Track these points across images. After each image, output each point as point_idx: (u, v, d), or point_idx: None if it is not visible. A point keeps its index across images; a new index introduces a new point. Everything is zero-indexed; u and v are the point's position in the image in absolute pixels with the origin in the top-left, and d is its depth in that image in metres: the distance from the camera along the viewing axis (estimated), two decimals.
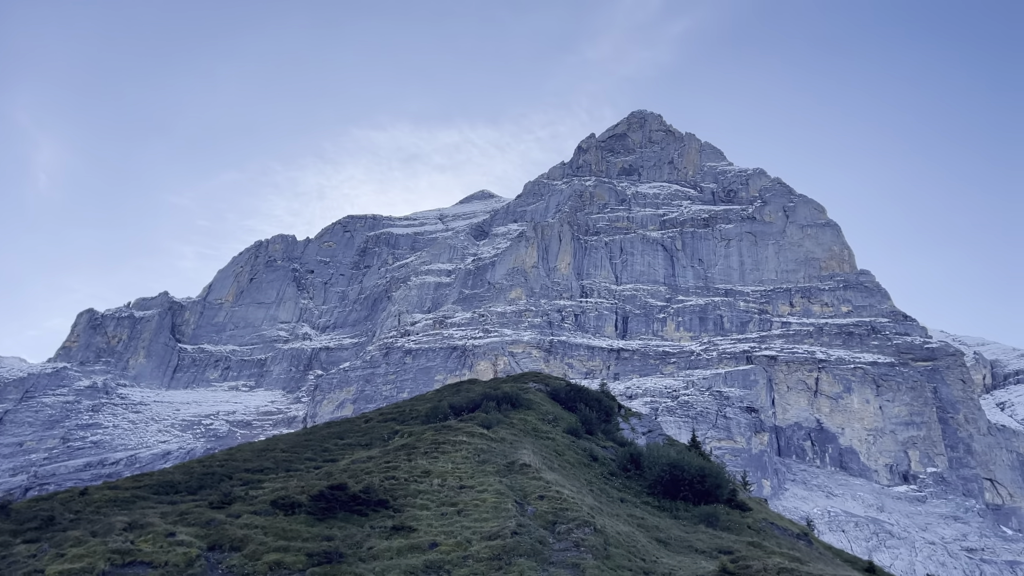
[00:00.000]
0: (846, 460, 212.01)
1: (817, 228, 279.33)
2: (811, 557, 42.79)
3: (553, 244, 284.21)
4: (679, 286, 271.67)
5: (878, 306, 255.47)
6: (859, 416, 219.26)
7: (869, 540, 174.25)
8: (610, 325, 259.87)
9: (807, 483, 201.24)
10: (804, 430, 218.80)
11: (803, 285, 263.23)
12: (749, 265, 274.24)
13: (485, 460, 36.73)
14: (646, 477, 43.87)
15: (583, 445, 47.40)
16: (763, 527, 43.95)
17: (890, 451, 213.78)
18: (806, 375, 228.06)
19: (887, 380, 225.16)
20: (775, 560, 33.08)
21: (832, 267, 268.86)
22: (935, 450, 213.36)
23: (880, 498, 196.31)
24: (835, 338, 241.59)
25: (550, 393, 60.71)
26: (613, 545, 28.90)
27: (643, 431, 59.96)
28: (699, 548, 36.51)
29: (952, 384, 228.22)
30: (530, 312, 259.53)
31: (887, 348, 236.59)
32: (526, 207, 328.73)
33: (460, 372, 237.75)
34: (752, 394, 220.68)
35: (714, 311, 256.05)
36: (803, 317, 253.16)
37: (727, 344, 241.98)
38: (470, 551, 25.31)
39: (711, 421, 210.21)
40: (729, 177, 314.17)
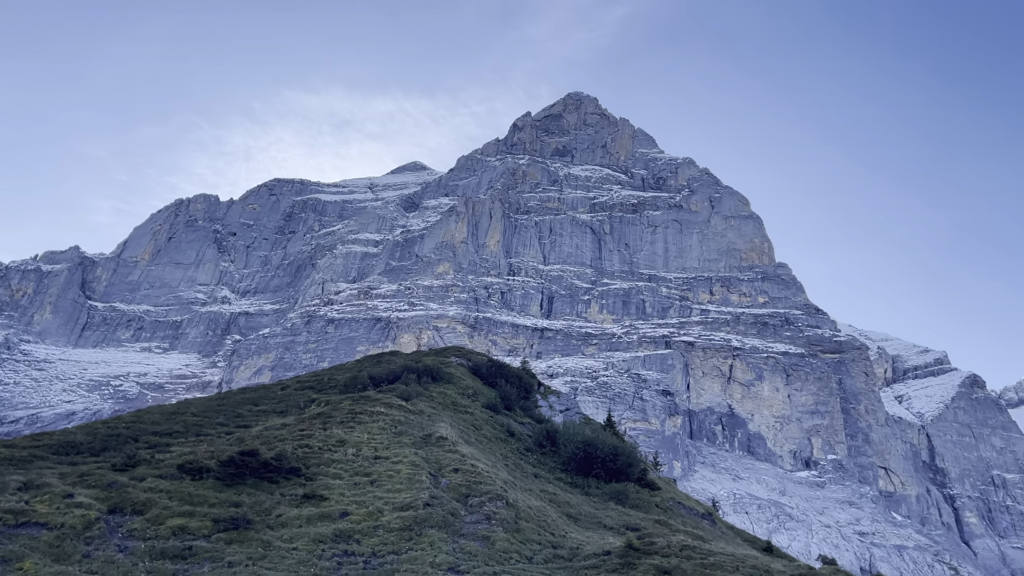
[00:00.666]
0: (754, 445, 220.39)
1: (740, 220, 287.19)
2: (714, 536, 44.40)
3: (483, 220, 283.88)
4: (605, 269, 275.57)
5: (793, 298, 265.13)
6: (769, 403, 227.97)
7: (770, 522, 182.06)
8: (536, 304, 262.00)
9: (716, 466, 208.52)
10: (716, 415, 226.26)
11: (724, 275, 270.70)
12: (673, 252, 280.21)
13: (402, 432, 36.64)
14: (561, 454, 44.58)
15: (501, 420, 47.79)
16: (670, 506, 45.34)
17: (795, 438, 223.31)
18: (721, 362, 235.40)
19: (797, 370, 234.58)
20: (679, 538, 34.19)
21: (752, 258, 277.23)
22: (836, 438, 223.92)
23: (783, 482, 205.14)
24: (751, 327, 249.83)
25: (472, 368, 60.87)
26: (524, 519, 29.32)
27: (561, 409, 60.86)
28: (608, 524, 37.43)
29: (856, 376, 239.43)
30: (457, 287, 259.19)
31: (799, 339, 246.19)
32: (458, 181, 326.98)
33: (383, 344, 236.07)
34: (669, 378, 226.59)
35: (637, 296, 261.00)
36: (722, 306, 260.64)
37: (648, 328, 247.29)
38: (381, 521, 25.28)
39: (628, 402, 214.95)
40: (659, 165, 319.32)
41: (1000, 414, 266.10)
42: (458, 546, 24.82)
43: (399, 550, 23.79)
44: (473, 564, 23.73)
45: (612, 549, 29.54)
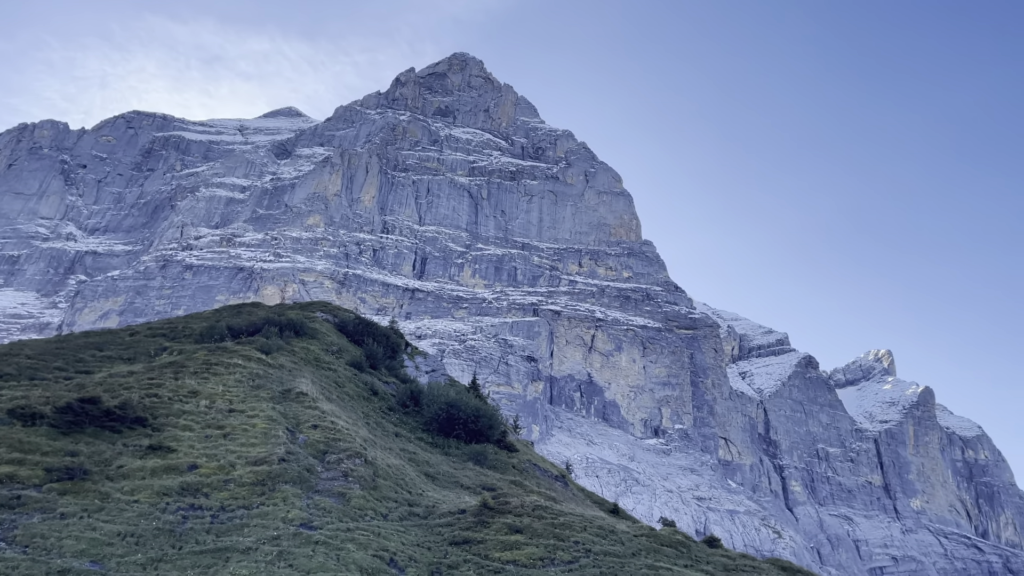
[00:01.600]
0: (609, 412, 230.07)
1: (612, 196, 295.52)
2: (565, 497, 46.13)
3: (359, 175, 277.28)
4: (480, 234, 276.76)
5: (655, 275, 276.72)
6: (625, 374, 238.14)
7: (619, 485, 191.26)
8: (408, 264, 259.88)
9: (572, 431, 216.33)
10: (576, 382, 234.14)
11: (593, 248, 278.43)
12: (547, 222, 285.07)
13: (260, 386, 35.52)
14: (424, 414, 44.74)
15: (365, 379, 47.29)
16: (527, 468, 46.63)
17: (647, 407, 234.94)
18: (584, 332, 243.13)
19: (653, 343, 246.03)
20: (532, 498, 35.26)
21: (620, 234, 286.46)
22: (684, 409, 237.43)
23: (633, 449, 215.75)
24: (614, 300, 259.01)
25: (338, 325, 59.74)
26: (382, 477, 29.27)
27: (427, 370, 60.95)
28: (465, 484, 38.03)
29: (707, 352, 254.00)
30: (327, 241, 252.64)
31: (657, 314, 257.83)
32: (335, 132, 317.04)
33: (244, 295, 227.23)
34: (534, 345, 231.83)
35: (510, 263, 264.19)
36: (589, 278, 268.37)
37: (517, 295, 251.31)
38: (232, 475, 24.50)
39: (493, 366, 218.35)
40: (539, 135, 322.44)
41: (829, 393, 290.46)
42: (313, 502, 24.48)
43: (250, 505, 23.18)
44: (327, 520, 23.50)
45: (467, 508, 30.06)
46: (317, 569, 20.18)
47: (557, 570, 28.44)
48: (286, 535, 21.72)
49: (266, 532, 21.65)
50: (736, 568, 39.41)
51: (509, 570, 27.21)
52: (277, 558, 20.46)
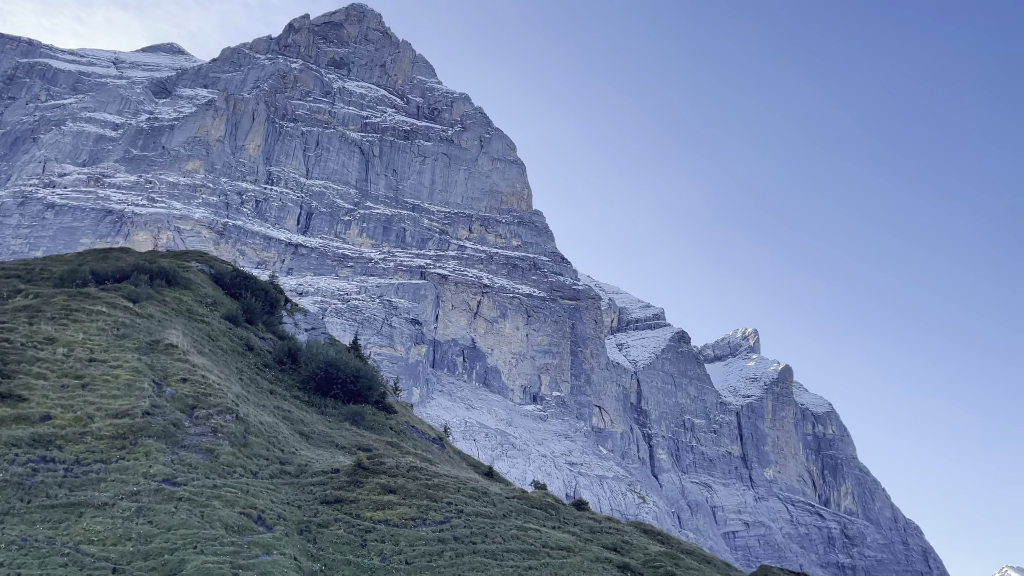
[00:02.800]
0: (490, 378, 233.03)
1: (506, 164, 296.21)
2: (441, 459, 46.54)
3: (245, 121, 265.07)
4: (369, 192, 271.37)
5: (543, 245, 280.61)
6: (508, 340, 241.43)
7: (495, 449, 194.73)
8: (292, 218, 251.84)
9: (453, 395, 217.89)
10: (460, 347, 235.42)
11: (483, 214, 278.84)
12: (439, 185, 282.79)
13: (125, 335, 33.69)
14: (301, 372, 43.83)
15: (240, 334, 45.75)
16: (404, 429, 46.66)
17: (527, 374, 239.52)
18: (470, 297, 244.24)
19: (537, 312, 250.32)
20: (408, 459, 35.37)
21: (512, 202, 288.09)
22: (563, 377, 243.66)
23: (511, 414, 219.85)
24: (501, 268, 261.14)
25: (214, 276, 57.31)
26: (254, 434, 28.55)
27: (307, 328, 59.60)
28: (340, 444, 37.66)
29: (587, 323, 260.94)
30: (207, 189, 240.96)
31: (542, 284, 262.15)
32: (220, 74, 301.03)
33: (113, 239, 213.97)
34: (419, 308, 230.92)
35: (399, 223, 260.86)
36: (478, 244, 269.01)
37: (405, 257, 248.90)
38: (90, 427, 23.25)
39: (376, 328, 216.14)
40: (436, 96, 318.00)
41: (698, 367, 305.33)
42: (177, 457, 23.60)
43: (108, 459, 22.09)
44: (192, 476, 22.73)
45: (341, 467, 29.82)
46: (179, 526, 19.54)
47: (429, 530, 28.76)
48: (147, 491, 20.88)
49: (125, 487, 20.74)
50: (601, 530, 41.10)
51: (380, 529, 27.27)
52: (136, 514, 19.67)
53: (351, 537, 25.40)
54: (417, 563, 26.41)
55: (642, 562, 36.78)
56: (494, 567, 27.89)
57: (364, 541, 25.67)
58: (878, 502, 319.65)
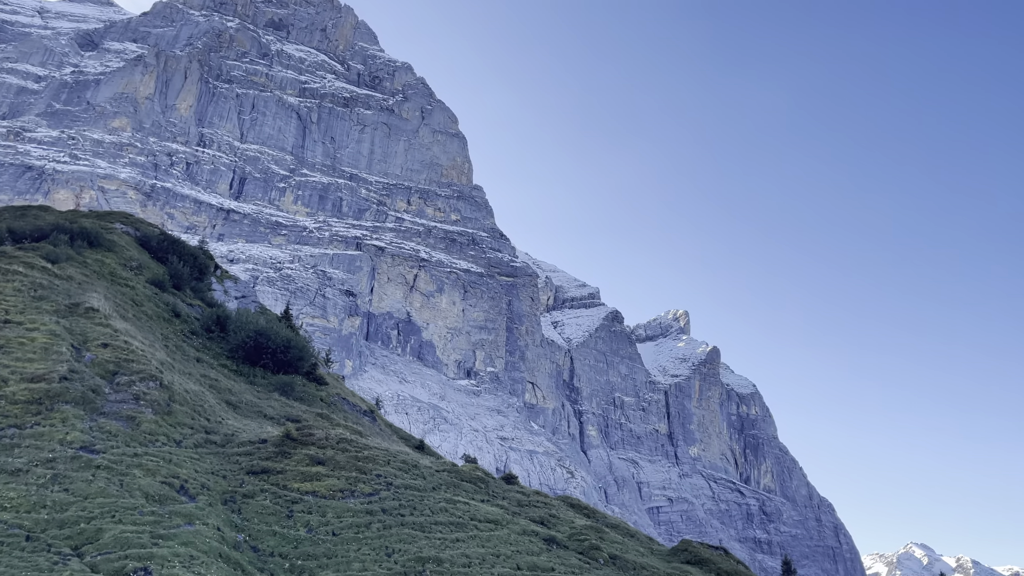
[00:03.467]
0: (424, 352, 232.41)
1: (447, 136, 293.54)
2: (372, 432, 46.35)
3: (176, 79, 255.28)
4: (306, 159, 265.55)
5: (482, 221, 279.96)
6: (444, 315, 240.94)
7: (427, 423, 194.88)
8: (225, 183, 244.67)
9: (386, 368, 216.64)
10: (394, 320, 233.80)
11: (423, 187, 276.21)
12: (379, 155, 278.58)
13: (43, 297, 32.33)
14: (230, 341, 42.88)
15: (167, 299, 44.41)
16: (335, 401, 46.23)
17: (462, 349, 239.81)
18: (407, 271, 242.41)
19: (474, 287, 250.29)
20: (338, 431, 35.10)
21: (452, 176, 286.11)
22: (497, 353, 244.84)
23: (444, 388, 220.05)
24: (440, 242, 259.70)
25: (139, 239, 55.35)
26: (178, 403, 27.85)
27: (236, 296, 58.24)
28: (269, 414, 37.09)
29: (524, 300, 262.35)
30: (134, 148, 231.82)
31: (480, 260, 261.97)
32: (152, 29, 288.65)
33: (32, 197, 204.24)
34: (354, 279, 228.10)
35: (336, 192, 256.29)
36: (416, 217, 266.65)
37: (341, 227, 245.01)
38: (4, 392, 22.31)
39: (309, 298, 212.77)
40: (378, 64, 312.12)
41: (630, 347, 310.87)
42: (97, 425, 22.87)
43: (23, 424, 21.26)
44: (112, 444, 22.08)
45: (269, 438, 29.39)
46: (97, 494, 19.00)
47: (357, 501, 28.66)
48: (63, 458, 20.20)
49: (40, 454, 20.02)
50: (529, 504, 41.69)
51: (308, 501, 27.05)
52: (51, 482, 19.02)
53: (277, 508, 25.14)
54: (344, 534, 26.31)
55: (568, 535, 37.51)
56: (421, 539, 28.02)
57: (291, 512, 25.45)
58: (795, 480, 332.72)
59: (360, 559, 25.56)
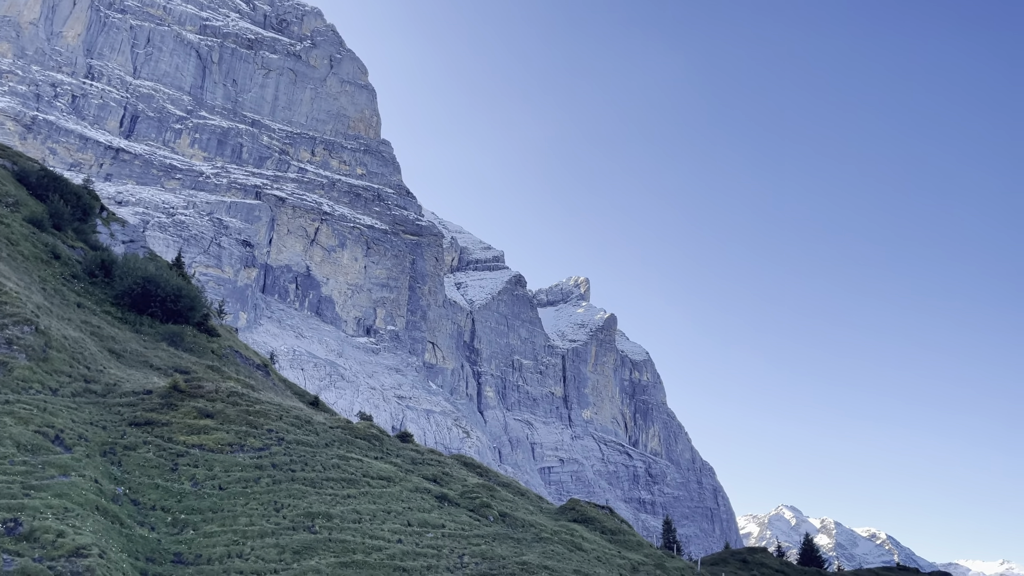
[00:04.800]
0: (323, 308, 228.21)
1: (356, 88, 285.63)
2: (265, 386, 45.39)
3: (64, 5, 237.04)
4: (205, 101, 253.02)
5: (389, 177, 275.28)
6: (346, 271, 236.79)
7: (323, 380, 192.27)
8: (115, 120, 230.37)
9: (282, 322, 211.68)
10: (293, 273, 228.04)
11: (328, 138, 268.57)
12: (283, 102, 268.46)
13: None
14: (115, 287, 40.87)
15: (46, 240, 41.82)
16: (227, 354, 44.92)
17: (363, 306, 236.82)
18: (308, 223, 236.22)
19: (378, 244, 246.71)
20: (229, 384, 34.20)
21: (359, 129, 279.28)
22: (398, 312, 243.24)
23: (342, 345, 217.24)
24: (344, 195, 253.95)
25: (17, 174, 51.69)
26: (55, 349, 26.45)
27: (124, 240, 55.42)
28: (156, 365, 35.70)
29: (428, 260, 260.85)
30: (15, 76, 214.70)
31: (385, 216, 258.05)
32: None
33: None
34: (252, 229, 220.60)
35: (236, 138, 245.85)
36: (320, 168, 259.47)
37: (241, 175, 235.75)
38: None
39: (203, 247, 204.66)
40: (285, 6, 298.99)
41: (531, 311, 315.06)
42: None
43: None
44: None
45: (155, 389, 28.37)
46: None
47: (246, 456, 28.14)
48: None
49: None
50: (423, 462, 42.01)
51: (194, 454, 26.36)
52: None
53: (161, 461, 24.40)
54: (232, 489, 25.83)
55: (460, 493, 38.10)
56: (312, 495, 27.85)
57: (175, 465, 24.75)
58: (680, 445, 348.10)
59: (247, 514, 25.20)
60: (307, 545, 24.68)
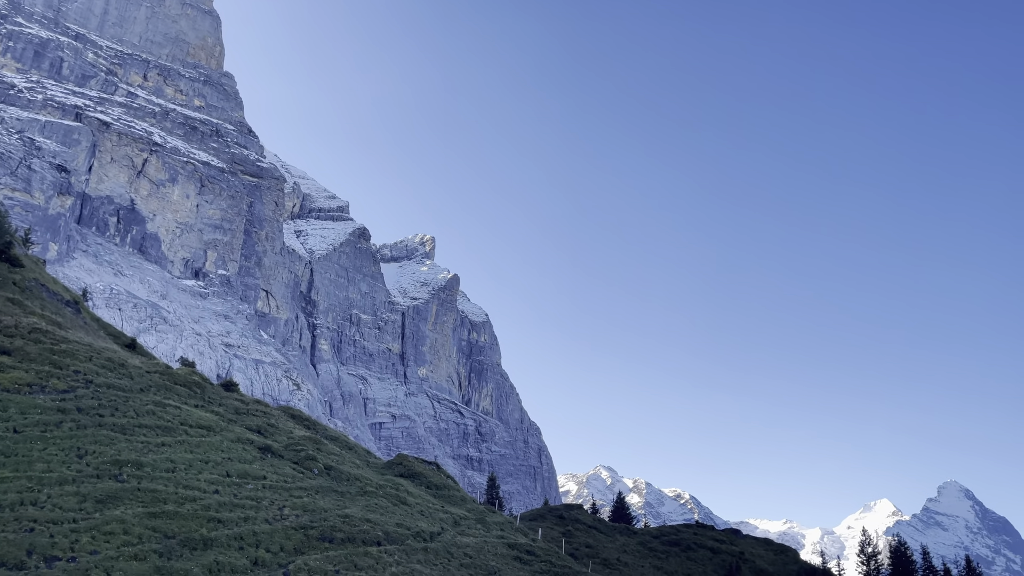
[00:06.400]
0: (147, 245, 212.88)
1: (199, 12, 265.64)
2: (74, 325, 41.95)
3: None
4: (22, 6, 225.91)
5: (230, 112, 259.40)
6: (175, 208, 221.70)
7: (143, 322, 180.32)
8: None
9: (99, 257, 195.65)
10: (115, 206, 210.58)
11: (164, 63, 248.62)
12: (114, 17, 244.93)
13: None
14: None
15: None
16: (32, 287, 41.03)
17: (192, 247, 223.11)
18: (136, 153, 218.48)
19: (213, 183, 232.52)
20: (32, 320, 31.33)
21: (200, 57, 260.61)
22: (232, 256, 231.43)
23: (167, 287, 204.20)
24: (178, 127, 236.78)
25: None
26: None
27: None
28: None
29: (267, 204, 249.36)
30: None
31: (223, 154, 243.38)
32: None
33: None
34: (70, 154, 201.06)
35: (56, 51, 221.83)
36: (153, 95, 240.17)
37: (59, 92, 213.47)
38: None
39: (11, 168, 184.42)
40: None
41: (374, 266, 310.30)
42: None
43: None
44: None
45: None
46: None
47: (47, 398, 26.01)
48: None
49: None
50: (247, 412, 40.68)
51: None
52: None
53: None
54: (28, 432, 23.86)
55: (285, 445, 37.29)
56: (121, 441, 26.25)
57: None
58: (511, 405, 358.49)
59: (45, 459, 23.36)
60: (112, 494, 23.39)
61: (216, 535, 24.69)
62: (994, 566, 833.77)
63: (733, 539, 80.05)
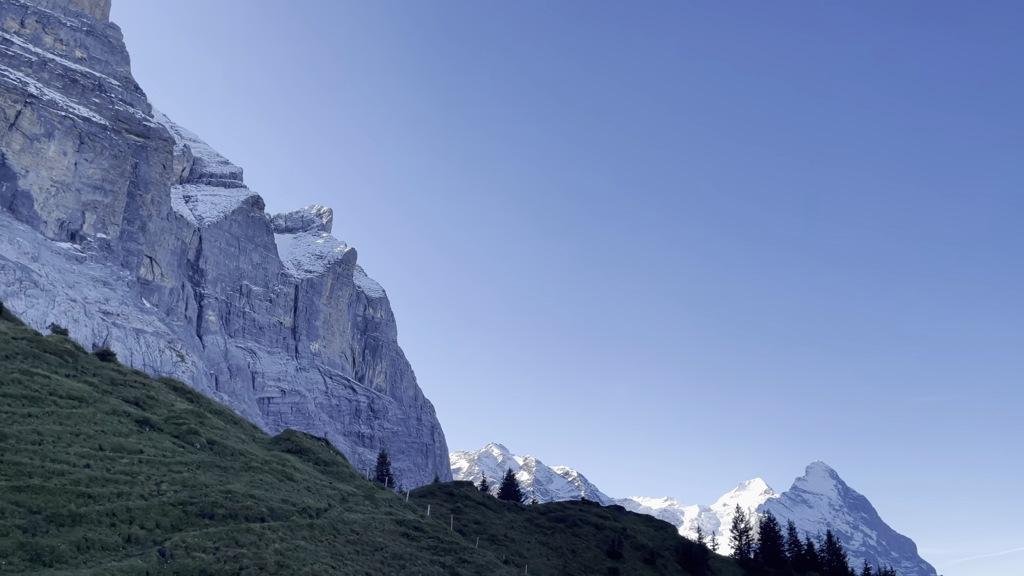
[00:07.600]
0: (18, 203, 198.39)
1: None
2: None
3: None
4: None
5: (115, 67, 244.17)
6: (51, 165, 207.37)
7: (11, 285, 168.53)
8: None
9: None
10: None
11: (43, 10, 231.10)
12: None
13: None
14: None
15: None
16: None
17: (69, 207, 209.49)
18: (9, 104, 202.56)
19: (94, 141, 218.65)
20: None
21: (83, 6, 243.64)
22: (112, 219, 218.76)
23: (39, 248, 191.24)
24: (57, 79, 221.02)
25: None
26: None
27: None
28: None
29: (154, 166, 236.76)
30: None
31: (106, 111, 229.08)
32: None
33: None
34: None
35: None
36: (30, 43, 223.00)
37: None
38: None
39: None
40: None
41: (267, 236, 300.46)
42: None
43: None
44: None
45: None
46: None
47: None
48: None
49: None
50: (125, 383, 38.78)
51: None
52: None
53: None
54: None
55: (165, 418, 35.81)
56: None
57: None
58: (405, 382, 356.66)
59: None
60: None
61: (86, 511, 23.50)
62: (852, 540, 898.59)
63: (616, 515, 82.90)
